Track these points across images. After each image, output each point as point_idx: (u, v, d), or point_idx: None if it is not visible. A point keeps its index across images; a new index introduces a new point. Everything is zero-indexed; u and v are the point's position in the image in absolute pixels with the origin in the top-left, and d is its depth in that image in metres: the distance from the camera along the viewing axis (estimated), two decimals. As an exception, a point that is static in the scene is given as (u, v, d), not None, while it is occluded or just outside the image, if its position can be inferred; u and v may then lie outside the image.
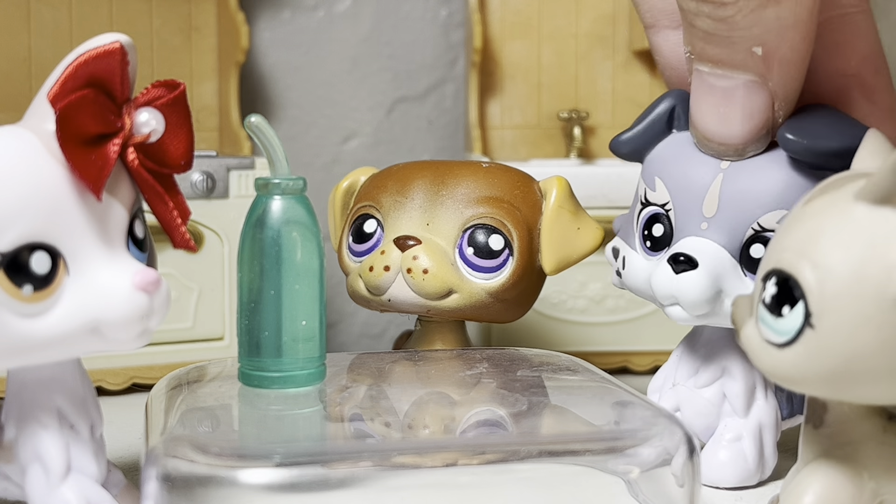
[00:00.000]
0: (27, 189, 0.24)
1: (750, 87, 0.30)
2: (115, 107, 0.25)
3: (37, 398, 0.26)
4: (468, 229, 0.36)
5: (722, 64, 0.30)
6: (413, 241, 0.35)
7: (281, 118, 0.56)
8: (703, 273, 0.30)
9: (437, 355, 0.34)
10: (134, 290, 0.25)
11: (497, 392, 0.30)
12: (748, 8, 0.28)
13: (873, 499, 0.26)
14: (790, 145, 0.30)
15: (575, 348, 0.47)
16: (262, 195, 0.29)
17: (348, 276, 0.37)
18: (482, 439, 0.27)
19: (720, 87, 0.30)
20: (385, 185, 0.37)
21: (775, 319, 0.24)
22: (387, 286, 0.35)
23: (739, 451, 0.32)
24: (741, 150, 0.31)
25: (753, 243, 0.31)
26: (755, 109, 0.30)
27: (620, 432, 0.26)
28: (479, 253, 0.35)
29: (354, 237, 0.37)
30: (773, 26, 0.28)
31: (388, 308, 0.36)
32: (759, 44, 0.29)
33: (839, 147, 0.29)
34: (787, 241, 0.25)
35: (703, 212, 0.31)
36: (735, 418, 0.33)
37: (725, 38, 0.29)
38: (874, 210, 0.23)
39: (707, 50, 0.30)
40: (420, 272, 0.35)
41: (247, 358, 0.29)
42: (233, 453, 0.25)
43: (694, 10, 0.29)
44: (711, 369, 0.33)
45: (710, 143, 0.31)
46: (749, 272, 0.31)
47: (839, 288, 0.23)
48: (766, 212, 0.30)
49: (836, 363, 0.23)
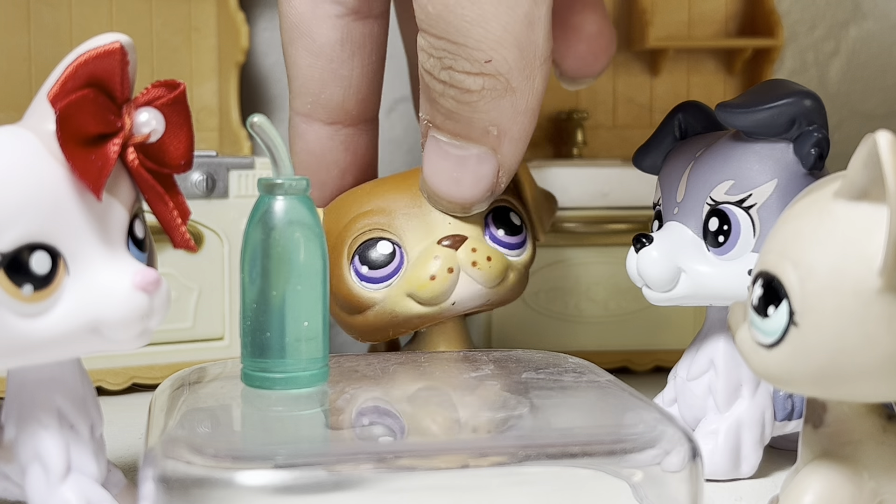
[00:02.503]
0: (27, 189, 0.24)
1: (482, 158, 0.33)
2: (115, 107, 0.25)
3: (37, 398, 0.26)
4: (489, 213, 0.36)
5: (459, 137, 0.33)
6: (460, 238, 0.35)
7: (281, 118, 0.56)
8: (655, 247, 0.32)
9: (442, 357, 0.34)
10: (134, 290, 0.25)
11: (501, 394, 0.30)
12: (490, 96, 0.31)
13: (873, 498, 0.26)
14: (723, 117, 0.32)
15: (575, 348, 0.47)
16: (265, 195, 0.29)
17: (370, 309, 0.35)
18: (484, 442, 0.27)
19: (455, 154, 0.33)
20: (383, 205, 0.35)
21: (762, 320, 0.24)
22: (454, 288, 0.34)
23: (714, 445, 0.33)
24: (468, 209, 0.35)
25: (711, 217, 0.32)
26: (483, 176, 0.34)
27: (622, 436, 0.26)
28: (511, 231, 0.36)
29: (371, 264, 0.35)
30: (508, 112, 0.32)
31: (438, 317, 0.35)
32: (495, 125, 0.32)
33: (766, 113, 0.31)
34: (771, 244, 0.25)
35: (676, 198, 0.33)
36: (717, 413, 0.33)
37: (466, 117, 0.32)
38: (851, 206, 0.23)
39: (447, 124, 0.33)
40: (485, 261, 0.34)
41: (249, 359, 0.29)
42: (229, 455, 0.25)
43: (440, 90, 0.32)
44: (701, 363, 0.34)
45: (441, 201, 0.35)
46: (712, 247, 0.32)
47: (820, 285, 0.23)
48: (715, 185, 0.32)
49: (822, 361, 0.23)
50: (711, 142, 0.33)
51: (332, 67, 0.36)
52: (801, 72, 0.60)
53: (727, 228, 0.32)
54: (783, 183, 0.31)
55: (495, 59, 0.31)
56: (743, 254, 0.32)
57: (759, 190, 0.31)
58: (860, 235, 0.23)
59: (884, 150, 0.22)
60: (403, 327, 0.35)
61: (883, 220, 0.22)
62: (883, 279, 0.22)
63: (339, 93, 0.37)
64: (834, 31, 0.60)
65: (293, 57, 0.37)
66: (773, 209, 0.31)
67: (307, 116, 0.37)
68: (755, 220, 0.31)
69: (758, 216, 0.31)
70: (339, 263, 0.35)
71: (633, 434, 0.26)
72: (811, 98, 0.31)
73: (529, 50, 0.31)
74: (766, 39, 0.52)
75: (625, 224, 0.46)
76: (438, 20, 0.31)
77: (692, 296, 0.32)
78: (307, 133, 0.38)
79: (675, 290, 0.32)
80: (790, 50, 0.60)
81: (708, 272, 0.32)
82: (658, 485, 0.26)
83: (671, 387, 0.35)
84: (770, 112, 0.31)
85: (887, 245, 0.22)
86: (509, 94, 0.32)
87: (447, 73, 0.31)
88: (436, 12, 0.31)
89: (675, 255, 0.32)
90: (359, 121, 0.38)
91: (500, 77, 0.31)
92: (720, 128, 0.34)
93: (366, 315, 0.35)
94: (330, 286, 0.35)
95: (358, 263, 0.35)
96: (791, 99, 0.31)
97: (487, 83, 0.31)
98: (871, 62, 0.60)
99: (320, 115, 0.37)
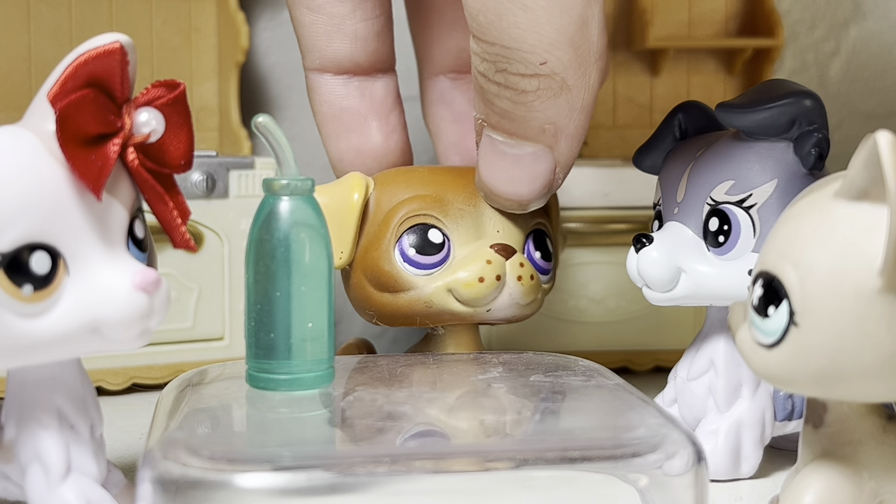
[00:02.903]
0: (27, 189, 0.24)
1: (538, 156, 0.33)
2: (115, 107, 0.25)
3: (37, 398, 0.26)
4: (530, 234, 0.36)
5: (515, 136, 0.33)
6: (511, 249, 0.35)
7: (281, 118, 0.56)
8: (655, 247, 0.32)
9: (451, 359, 0.34)
10: (134, 290, 0.25)
11: (508, 397, 0.29)
12: (546, 96, 0.31)
13: (873, 498, 0.26)
14: (723, 117, 0.32)
15: (575, 348, 0.47)
16: (269, 196, 0.29)
17: (405, 292, 0.35)
18: (490, 446, 0.27)
19: (511, 153, 0.33)
20: (440, 195, 0.35)
21: (762, 320, 0.24)
22: (496, 295, 0.34)
23: (714, 445, 0.33)
24: (525, 206, 0.35)
25: (711, 217, 0.32)
26: (540, 174, 0.33)
27: (628, 440, 0.26)
28: (545, 256, 0.36)
29: (418, 248, 0.34)
30: (564, 110, 0.32)
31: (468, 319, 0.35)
32: (551, 123, 0.32)
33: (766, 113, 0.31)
34: (772, 244, 0.25)
35: (676, 198, 0.33)
36: (717, 413, 0.33)
37: (521, 116, 0.32)
38: (851, 206, 0.23)
39: (502, 123, 0.33)
40: (528, 278, 0.35)
41: (253, 360, 0.29)
42: (227, 457, 0.25)
43: (495, 91, 0.32)
44: (701, 363, 0.34)
45: (497, 199, 0.35)
46: (712, 247, 0.32)
47: (820, 284, 0.23)
48: (715, 185, 0.32)
49: (822, 361, 0.23)
50: (711, 142, 0.33)
51: (335, 23, 0.37)
52: (801, 72, 0.60)
53: (727, 228, 0.32)
54: (783, 183, 0.31)
55: (550, 61, 0.31)
56: (743, 254, 0.32)
57: (759, 190, 0.31)
58: (860, 235, 0.23)
59: (884, 150, 0.22)
60: (432, 319, 0.35)
61: (883, 220, 0.22)
62: (883, 279, 0.22)
63: (346, 47, 0.37)
64: (834, 31, 0.60)
65: (296, 16, 0.37)
66: (773, 209, 0.31)
67: (318, 70, 0.38)
68: (755, 220, 0.31)
69: (758, 216, 0.31)
70: (383, 237, 0.35)
71: (639, 438, 0.26)
72: (811, 98, 0.31)
73: (584, 48, 0.31)
74: (767, 39, 0.52)
75: (625, 224, 0.46)
76: (490, 28, 0.30)
77: (692, 296, 0.32)
78: (320, 86, 0.38)
79: (675, 290, 0.32)
80: (790, 50, 0.60)
81: (708, 272, 0.32)
82: (663, 488, 0.26)
83: (671, 387, 0.35)
84: (770, 112, 0.31)
85: (887, 245, 0.22)
86: (565, 93, 0.31)
87: (502, 75, 0.31)
88: (487, 21, 0.30)
89: (676, 256, 0.32)
90: (371, 71, 0.38)
91: (555, 77, 0.31)
92: (720, 128, 0.34)
93: (397, 297, 0.35)
94: (367, 258, 0.35)
95: (405, 244, 0.35)
96: (791, 99, 0.31)
97: (543, 83, 0.31)
98: (871, 62, 0.60)
99: (330, 67, 0.37)
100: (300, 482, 0.24)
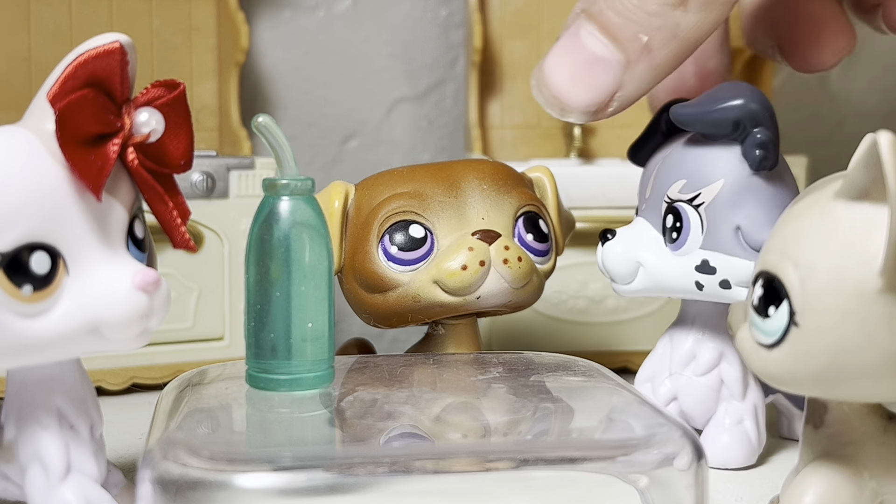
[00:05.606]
0: (27, 189, 0.24)
1: (611, 66, 0.32)
2: (115, 107, 0.25)
3: (37, 398, 0.26)
4: (520, 217, 0.36)
5: (607, 32, 0.31)
6: (494, 234, 0.35)
7: (281, 118, 0.56)
8: (618, 241, 0.34)
9: (451, 359, 0.34)
10: (134, 290, 0.25)
11: (508, 398, 0.29)
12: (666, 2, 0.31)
13: (873, 499, 0.26)
14: (675, 118, 0.33)
15: (575, 348, 0.47)
16: (269, 196, 0.29)
17: (392, 290, 0.35)
18: (490, 446, 0.27)
19: (589, 49, 0.32)
20: (419, 190, 0.35)
21: (763, 320, 0.25)
22: (482, 282, 0.34)
23: (743, 433, 0.34)
24: (566, 112, 0.33)
25: (668, 214, 0.33)
26: (601, 85, 0.32)
27: (627, 440, 0.26)
28: (539, 238, 0.36)
29: (400, 245, 0.35)
30: (668, 29, 0.31)
31: (460, 309, 0.35)
32: (649, 34, 0.31)
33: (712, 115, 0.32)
34: (772, 244, 0.25)
35: (645, 195, 0.35)
36: (734, 402, 0.35)
37: (630, 12, 0.31)
38: (852, 206, 0.23)
39: (605, 14, 0.31)
40: (515, 260, 0.34)
41: (254, 360, 0.29)
42: (226, 457, 0.25)
43: None
44: (709, 356, 0.35)
45: (546, 92, 0.33)
46: (669, 243, 0.33)
47: (820, 284, 0.23)
48: (671, 183, 0.33)
49: (822, 361, 0.23)
50: (679, 141, 0.34)
51: None
52: (802, 72, 0.60)
53: (679, 225, 0.33)
54: (730, 182, 0.32)
55: None
56: (692, 250, 0.33)
57: (707, 189, 0.32)
58: (861, 236, 0.23)
59: (884, 150, 0.22)
60: (423, 314, 0.35)
61: (883, 220, 0.22)
62: (883, 279, 0.22)
63: None
64: (834, 31, 0.60)
65: None
66: (719, 208, 0.32)
67: None
68: (703, 217, 0.32)
69: (705, 214, 0.32)
70: (366, 240, 0.35)
71: (638, 438, 0.26)
72: (757, 101, 0.32)
73: None
74: (767, 39, 0.52)
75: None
76: None
77: (649, 288, 0.34)
78: None
79: (633, 282, 0.34)
80: (790, 50, 0.60)
81: (661, 265, 0.33)
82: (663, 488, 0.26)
83: (668, 384, 0.35)
84: (716, 114, 0.32)
85: (888, 245, 0.22)
86: (680, 10, 0.31)
87: None
88: None
89: (635, 250, 0.34)
90: None
91: None
92: None
93: (387, 296, 0.35)
94: (354, 262, 0.35)
95: (388, 243, 0.35)
96: (736, 102, 0.31)
97: None
98: (871, 62, 0.60)
99: None
100: (300, 482, 0.24)
